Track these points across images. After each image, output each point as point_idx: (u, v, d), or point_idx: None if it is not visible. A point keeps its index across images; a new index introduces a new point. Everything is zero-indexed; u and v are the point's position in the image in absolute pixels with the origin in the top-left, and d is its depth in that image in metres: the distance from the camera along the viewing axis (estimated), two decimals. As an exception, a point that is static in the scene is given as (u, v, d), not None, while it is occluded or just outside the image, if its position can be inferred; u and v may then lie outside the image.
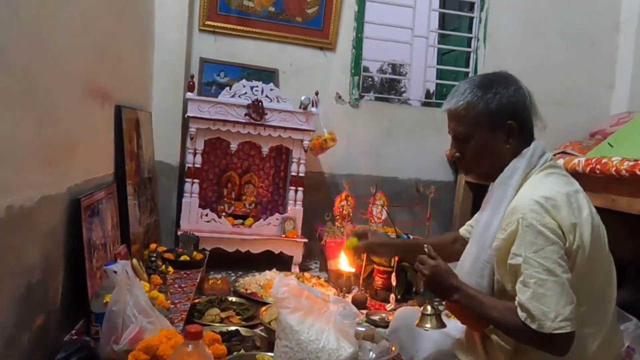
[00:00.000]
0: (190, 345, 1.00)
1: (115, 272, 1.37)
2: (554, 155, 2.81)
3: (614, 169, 2.07)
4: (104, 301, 1.39)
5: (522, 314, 1.10)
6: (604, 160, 2.15)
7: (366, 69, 3.65)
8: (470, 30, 3.76)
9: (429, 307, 1.26)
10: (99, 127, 1.90)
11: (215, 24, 3.22)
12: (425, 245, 1.30)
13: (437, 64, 4.01)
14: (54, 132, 1.39)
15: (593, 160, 2.21)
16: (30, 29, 1.21)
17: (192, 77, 2.92)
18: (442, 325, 1.27)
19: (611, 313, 1.22)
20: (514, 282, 1.14)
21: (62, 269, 1.51)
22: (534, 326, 1.07)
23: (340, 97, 3.49)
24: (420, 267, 1.26)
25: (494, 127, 1.27)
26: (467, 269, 1.29)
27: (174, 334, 1.35)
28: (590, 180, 2.18)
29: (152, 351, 1.25)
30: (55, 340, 1.44)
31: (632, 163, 2.00)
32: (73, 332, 1.55)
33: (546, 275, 1.08)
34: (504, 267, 1.17)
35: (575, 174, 2.29)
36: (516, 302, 1.12)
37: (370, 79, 3.65)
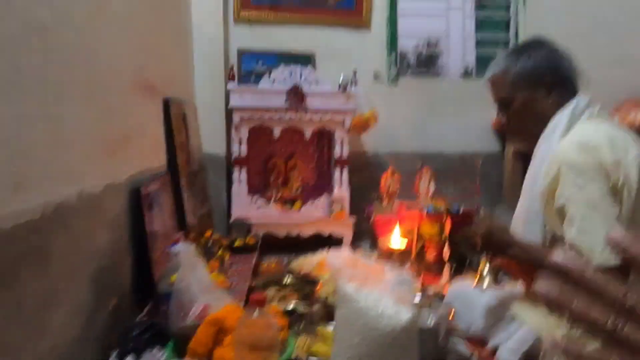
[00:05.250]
0: (256, 311, 1.04)
1: (179, 252, 1.43)
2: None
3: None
4: (170, 281, 1.46)
5: None
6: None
7: (402, 46, 3.61)
8: (508, -5, 3.63)
9: (485, 267, 1.28)
10: (150, 120, 1.98)
11: (250, 13, 3.26)
12: (481, 209, 1.33)
13: (475, 34, 3.89)
14: (112, 124, 1.47)
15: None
16: (85, 27, 1.27)
17: (232, 67, 2.97)
18: (498, 282, 1.29)
19: None
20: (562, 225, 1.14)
21: (129, 254, 1.60)
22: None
23: (378, 76, 3.46)
24: (475, 227, 1.29)
25: (533, 85, 1.32)
26: (520, 222, 1.31)
27: (238, 309, 1.40)
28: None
29: (219, 324, 1.30)
30: (128, 321, 1.53)
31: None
32: (143, 314, 1.64)
33: (590, 210, 1.08)
34: (551, 212, 1.18)
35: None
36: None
37: (407, 56, 3.62)
